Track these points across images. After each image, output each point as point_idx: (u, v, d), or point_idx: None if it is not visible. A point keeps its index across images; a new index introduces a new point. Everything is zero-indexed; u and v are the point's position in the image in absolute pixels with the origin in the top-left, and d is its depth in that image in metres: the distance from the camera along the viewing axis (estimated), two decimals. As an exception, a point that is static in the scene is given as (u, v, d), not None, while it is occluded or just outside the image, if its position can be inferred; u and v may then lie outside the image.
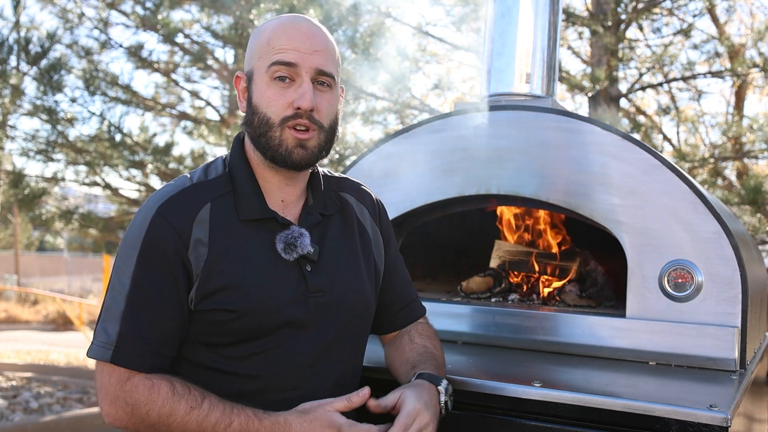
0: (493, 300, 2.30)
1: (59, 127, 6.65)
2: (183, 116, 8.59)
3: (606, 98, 6.32)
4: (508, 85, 2.24)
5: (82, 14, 7.14)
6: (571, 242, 2.49)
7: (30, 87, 6.80)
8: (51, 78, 6.30)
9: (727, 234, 1.79)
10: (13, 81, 6.25)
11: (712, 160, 6.69)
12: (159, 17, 6.80)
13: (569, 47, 8.35)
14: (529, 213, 2.49)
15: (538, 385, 1.54)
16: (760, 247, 5.48)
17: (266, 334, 1.37)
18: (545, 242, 2.49)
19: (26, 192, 6.66)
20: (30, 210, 7.00)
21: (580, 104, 9.39)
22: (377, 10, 6.57)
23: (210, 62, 8.41)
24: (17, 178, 6.68)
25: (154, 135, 7.90)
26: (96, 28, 7.21)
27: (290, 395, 1.38)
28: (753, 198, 5.11)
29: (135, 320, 1.31)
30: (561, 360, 1.87)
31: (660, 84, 8.07)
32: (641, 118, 9.44)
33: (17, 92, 6.29)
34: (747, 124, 7.02)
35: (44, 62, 6.38)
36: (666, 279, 1.84)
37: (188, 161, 7.21)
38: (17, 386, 6.88)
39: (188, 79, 9.11)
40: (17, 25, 6.48)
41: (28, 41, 6.31)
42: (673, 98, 9.74)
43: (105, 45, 7.30)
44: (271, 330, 1.37)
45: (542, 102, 2.17)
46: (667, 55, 7.11)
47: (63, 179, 7.06)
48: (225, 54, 8.72)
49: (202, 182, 1.41)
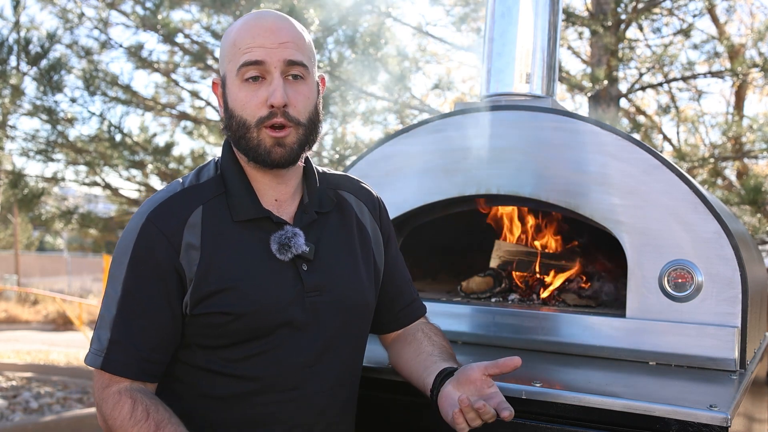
0: (493, 300, 2.30)
1: (59, 127, 6.65)
2: (183, 116, 8.58)
3: (606, 98, 6.32)
4: (508, 85, 2.24)
5: (82, 14, 7.14)
6: (572, 242, 2.49)
7: (30, 87, 6.80)
8: (51, 78, 6.30)
9: (727, 234, 1.79)
10: (13, 81, 6.25)
11: (712, 160, 6.69)
12: (159, 17, 6.79)
13: (569, 47, 8.36)
14: (529, 213, 2.49)
15: (538, 385, 1.54)
16: (760, 247, 5.48)
17: (264, 335, 1.37)
18: (545, 242, 2.49)
19: (26, 192, 6.65)
20: (30, 210, 6.99)
21: (580, 104, 9.39)
22: (377, 10, 6.57)
23: (210, 62, 8.40)
24: (17, 178, 6.68)
25: (154, 135, 7.90)
26: (96, 28, 7.21)
27: (288, 396, 1.38)
28: (753, 198, 5.11)
29: (126, 327, 1.32)
30: (561, 360, 1.87)
31: (660, 84, 8.07)
32: (641, 118, 9.44)
33: (17, 92, 6.28)
34: (747, 124, 7.03)
35: (44, 62, 6.37)
36: (666, 279, 1.84)
37: (188, 161, 7.20)
38: (17, 386, 6.88)
39: (188, 79, 9.10)
40: (17, 25, 6.48)
41: (28, 41, 6.30)
42: (673, 98, 9.74)
43: (105, 45, 7.29)
44: (269, 331, 1.37)
45: (542, 102, 2.17)
46: (667, 55, 7.12)
47: (63, 179, 7.06)
48: (225, 54, 8.70)
49: (194, 186, 1.41)
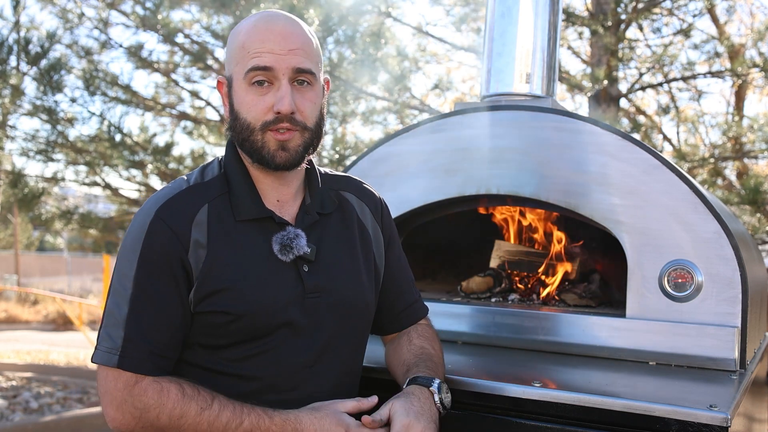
0: (493, 300, 2.30)
1: (59, 127, 6.64)
2: (183, 116, 8.58)
3: (606, 98, 6.33)
4: (508, 85, 2.24)
5: (82, 14, 7.14)
6: (571, 242, 2.49)
7: (30, 87, 6.80)
8: (51, 78, 6.30)
9: (727, 234, 1.79)
10: (13, 81, 6.25)
11: (712, 160, 6.69)
12: (159, 17, 6.79)
13: (569, 47, 8.36)
14: (529, 213, 2.49)
15: (538, 385, 1.54)
16: (760, 247, 5.48)
17: (264, 336, 1.37)
18: (545, 242, 2.49)
19: (26, 192, 6.65)
20: (30, 210, 6.99)
21: (580, 104, 9.40)
22: (377, 10, 6.57)
23: (210, 62, 8.40)
24: (17, 178, 6.67)
25: (154, 135, 7.89)
26: (96, 28, 7.21)
27: (288, 396, 1.38)
28: (753, 198, 5.11)
29: (139, 324, 1.31)
30: (561, 360, 1.87)
31: (660, 84, 8.08)
32: (641, 118, 9.44)
33: (17, 92, 6.28)
34: (747, 124, 7.02)
35: (44, 62, 6.37)
36: (666, 279, 1.84)
37: (188, 161, 7.20)
38: (17, 386, 6.87)
39: (188, 79, 9.10)
40: (17, 25, 6.48)
41: (28, 41, 6.30)
42: (673, 98, 9.75)
43: (105, 45, 7.29)
44: (269, 331, 1.37)
45: (542, 102, 2.17)
46: (667, 55, 7.12)
47: (63, 179, 7.05)
48: (225, 54, 8.71)
49: (199, 184, 1.41)
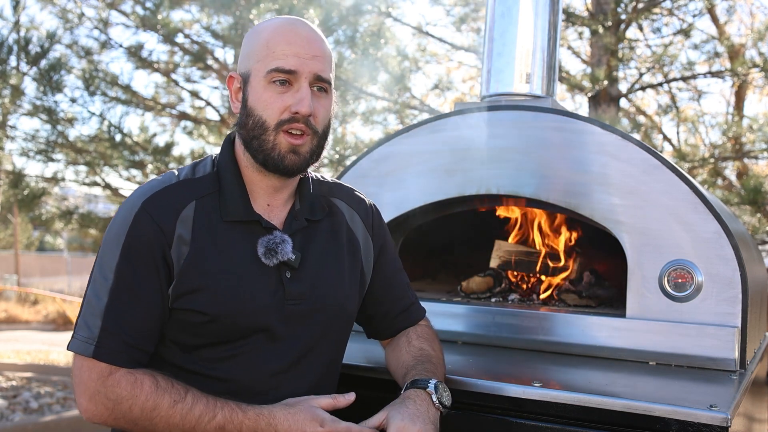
0: (493, 300, 2.30)
1: (59, 127, 6.64)
2: (183, 116, 8.59)
3: (606, 98, 6.33)
4: (508, 85, 2.24)
5: (82, 14, 7.14)
6: (571, 242, 2.49)
7: (30, 87, 6.79)
8: (51, 78, 6.29)
9: (727, 234, 1.79)
10: (13, 81, 6.24)
11: (712, 160, 6.69)
12: (159, 17, 6.79)
13: (569, 47, 8.36)
14: (530, 213, 2.49)
15: (538, 385, 1.54)
16: (760, 247, 5.48)
17: (239, 338, 1.36)
18: (545, 242, 2.49)
19: (26, 192, 6.65)
20: (30, 210, 6.99)
21: (580, 104, 9.41)
22: (377, 10, 6.57)
23: (210, 62, 8.40)
24: (17, 178, 6.67)
25: (154, 135, 7.89)
26: (96, 28, 7.21)
27: (262, 399, 1.36)
28: (753, 198, 5.11)
29: (117, 315, 1.29)
30: (561, 360, 1.87)
31: (660, 84, 8.08)
32: (641, 118, 9.45)
33: (17, 92, 6.28)
34: (747, 124, 7.03)
35: (44, 62, 6.37)
36: (666, 279, 1.84)
37: (188, 161, 7.20)
38: (17, 386, 6.87)
39: (188, 79, 9.10)
40: (17, 25, 6.48)
41: (28, 41, 6.30)
42: (673, 98, 9.75)
43: (105, 45, 7.29)
44: (244, 335, 1.36)
45: (542, 102, 2.17)
46: (667, 55, 7.12)
47: (63, 179, 7.05)
48: (225, 54, 8.70)
49: (189, 180, 1.40)
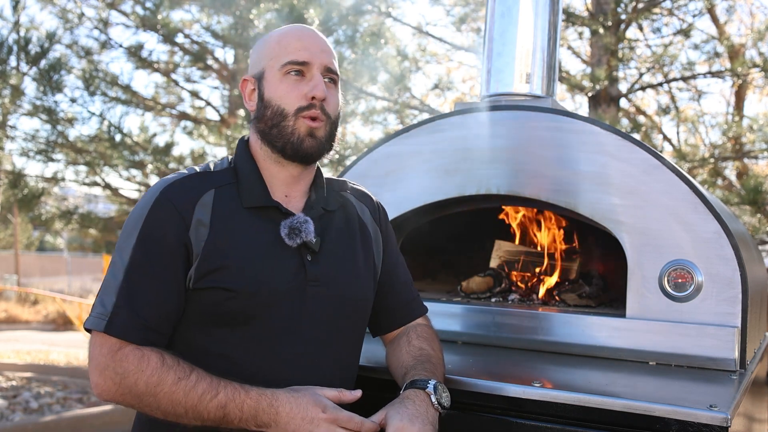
0: (493, 300, 2.30)
1: (59, 127, 6.65)
2: (183, 116, 8.59)
3: (606, 98, 6.32)
4: (508, 85, 2.24)
5: (82, 14, 7.14)
6: (571, 242, 2.49)
7: (30, 87, 6.80)
8: (51, 78, 6.29)
9: (727, 234, 1.79)
10: (13, 81, 6.24)
11: (712, 160, 6.69)
12: (159, 17, 6.80)
13: (569, 47, 8.36)
14: (529, 213, 2.49)
15: (538, 385, 1.54)
16: (760, 247, 5.48)
17: (261, 318, 1.38)
18: (545, 242, 2.49)
19: (26, 192, 6.65)
20: (30, 210, 6.99)
21: (580, 104, 9.41)
22: (377, 10, 6.57)
23: (210, 62, 8.41)
24: (17, 178, 6.67)
25: (154, 135, 7.90)
26: (96, 28, 7.21)
27: (282, 385, 1.36)
28: (753, 198, 5.11)
29: (131, 294, 1.33)
30: (561, 360, 1.87)
31: (660, 84, 8.08)
32: (641, 118, 9.45)
33: (17, 92, 6.28)
34: (747, 124, 7.02)
35: (44, 62, 6.37)
36: (666, 279, 1.84)
37: (188, 161, 7.21)
38: (17, 386, 6.87)
39: (188, 79, 9.11)
40: (17, 25, 6.48)
41: (28, 41, 6.30)
42: (673, 98, 9.76)
43: (105, 45, 7.30)
44: (267, 314, 1.38)
45: (542, 102, 2.17)
46: (667, 55, 7.12)
47: (63, 179, 7.06)
48: (225, 54, 8.72)
49: (208, 172, 1.46)
